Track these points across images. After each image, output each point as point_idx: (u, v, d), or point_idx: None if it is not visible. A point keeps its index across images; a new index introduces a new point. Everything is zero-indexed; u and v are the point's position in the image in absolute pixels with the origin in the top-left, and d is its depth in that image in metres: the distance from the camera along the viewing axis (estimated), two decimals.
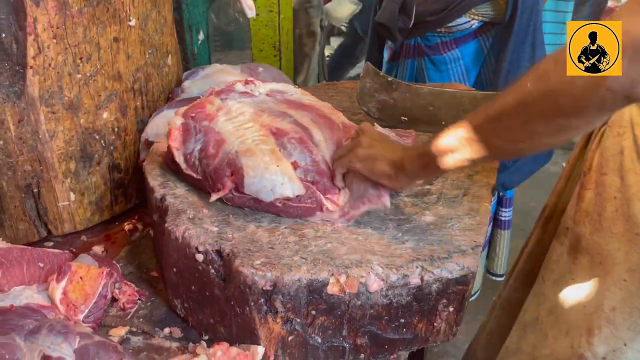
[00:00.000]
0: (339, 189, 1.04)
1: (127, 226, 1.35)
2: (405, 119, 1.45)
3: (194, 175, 1.07)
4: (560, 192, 1.45)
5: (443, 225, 1.00)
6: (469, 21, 1.79)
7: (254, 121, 1.10)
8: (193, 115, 1.12)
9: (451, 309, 0.92)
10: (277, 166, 1.00)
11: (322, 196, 1.02)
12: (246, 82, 1.24)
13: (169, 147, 1.11)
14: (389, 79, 1.48)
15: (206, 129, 1.09)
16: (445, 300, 0.91)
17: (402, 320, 0.91)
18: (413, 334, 0.93)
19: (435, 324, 0.93)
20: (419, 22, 1.80)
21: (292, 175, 1.00)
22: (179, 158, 1.09)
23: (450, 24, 1.79)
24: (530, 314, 1.38)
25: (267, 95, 1.22)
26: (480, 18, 1.78)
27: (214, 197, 1.03)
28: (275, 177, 0.99)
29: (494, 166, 1.23)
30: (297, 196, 1.00)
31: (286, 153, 1.03)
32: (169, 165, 1.16)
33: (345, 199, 1.03)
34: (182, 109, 1.15)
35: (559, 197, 1.44)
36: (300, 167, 1.02)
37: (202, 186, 1.08)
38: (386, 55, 2.06)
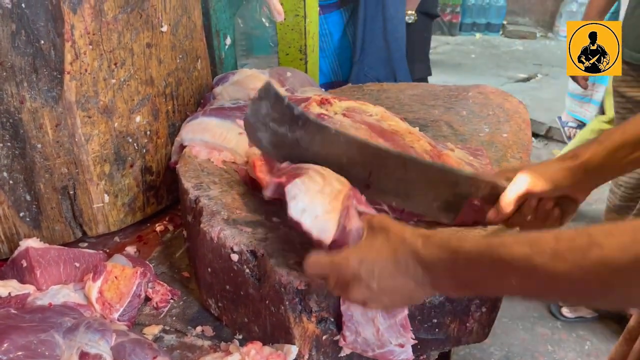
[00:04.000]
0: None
1: (158, 227, 1.37)
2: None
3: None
4: None
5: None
6: None
7: None
8: None
9: (484, 309, 0.93)
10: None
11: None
12: (321, 102, 1.18)
13: (256, 175, 1.02)
14: (295, 111, 0.90)
15: None
16: (477, 301, 0.91)
17: (435, 321, 0.92)
18: (445, 334, 0.94)
19: (467, 324, 0.94)
20: None
21: (334, 218, 0.81)
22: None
23: None
24: None
25: (344, 115, 1.15)
26: None
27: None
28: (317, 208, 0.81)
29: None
30: (318, 240, 0.81)
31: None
32: (248, 186, 1.12)
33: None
34: None
35: None
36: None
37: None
38: None
